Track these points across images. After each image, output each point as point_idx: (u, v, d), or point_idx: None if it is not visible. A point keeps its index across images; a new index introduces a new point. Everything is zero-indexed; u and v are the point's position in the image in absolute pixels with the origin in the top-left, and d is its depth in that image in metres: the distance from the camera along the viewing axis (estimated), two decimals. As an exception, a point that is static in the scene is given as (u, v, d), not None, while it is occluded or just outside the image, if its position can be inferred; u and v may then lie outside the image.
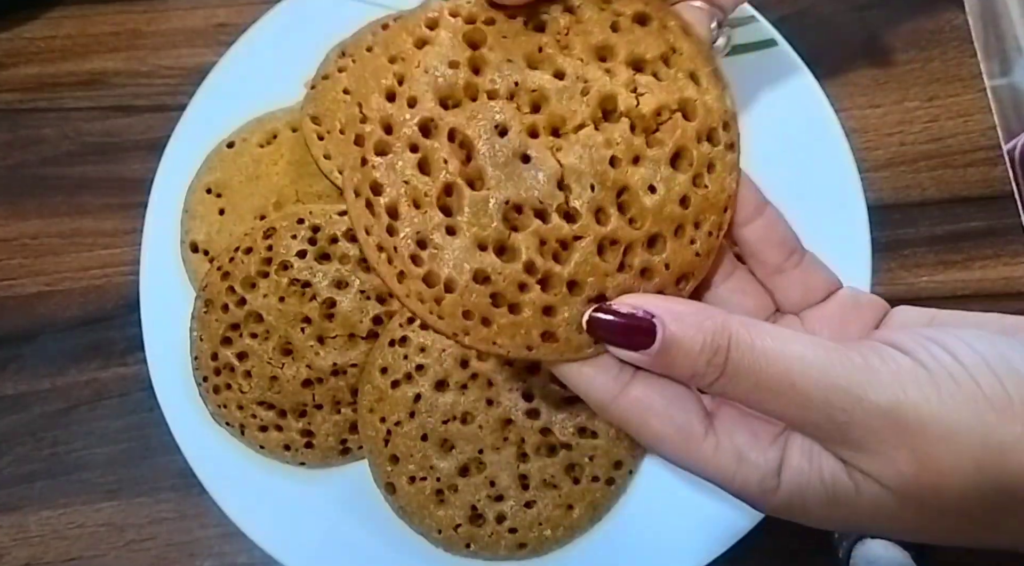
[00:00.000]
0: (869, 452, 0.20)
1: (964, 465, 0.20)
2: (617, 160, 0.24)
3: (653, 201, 0.24)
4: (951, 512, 0.20)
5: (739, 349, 0.21)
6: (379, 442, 0.37)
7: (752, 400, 0.21)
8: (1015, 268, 0.43)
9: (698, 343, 0.21)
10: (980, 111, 0.46)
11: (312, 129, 0.41)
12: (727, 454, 0.22)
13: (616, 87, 0.25)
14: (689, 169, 0.25)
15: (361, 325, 0.38)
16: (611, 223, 0.24)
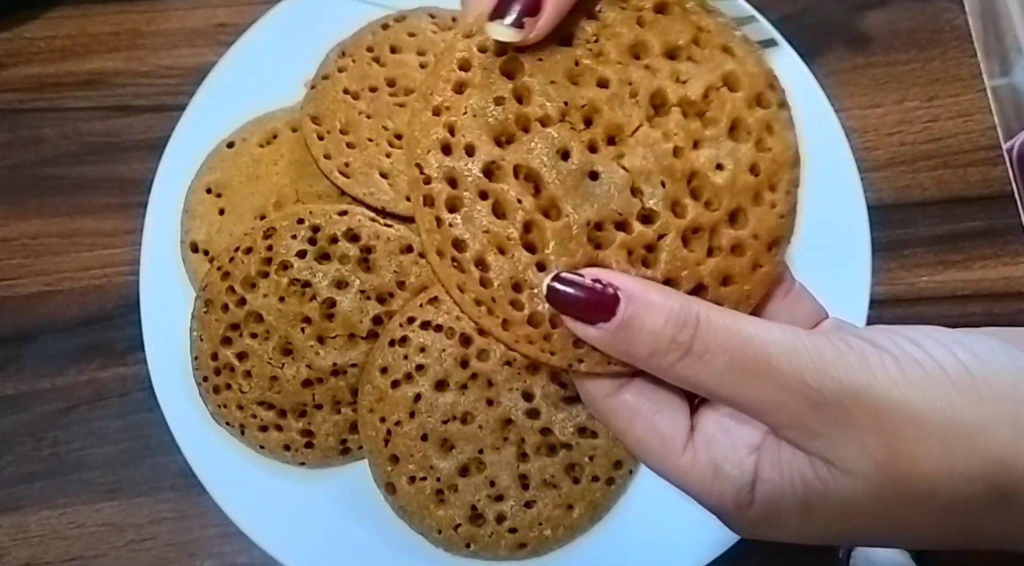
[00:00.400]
0: (841, 437, 0.20)
1: (933, 449, 0.20)
2: (679, 149, 0.24)
3: (724, 178, 0.24)
4: (923, 501, 0.20)
5: (711, 326, 0.21)
6: (379, 442, 0.37)
7: (722, 382, 0.21)
8: (1015, 268, 0.43)
9: (662, 317, 0.21)
10: (980, 111, 0.46)
11: (312, 129, 0.41)
12: (704, 467, 0.22)
13: (662, 81, 0.24)
14: (749, 137, 0.24)
15: (361, 325, 0.38)
16: (689, 213, 0.24)
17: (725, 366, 0.20)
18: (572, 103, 0.24)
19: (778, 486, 0.22)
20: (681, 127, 0.24)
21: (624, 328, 0.21)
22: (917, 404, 0.20)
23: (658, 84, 0.24)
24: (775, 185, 0.25)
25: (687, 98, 0.24)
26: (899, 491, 0.20)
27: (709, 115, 0.24)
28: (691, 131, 0.24)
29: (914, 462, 0.20)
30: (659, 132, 0.24)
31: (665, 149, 0.24)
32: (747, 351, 0.20)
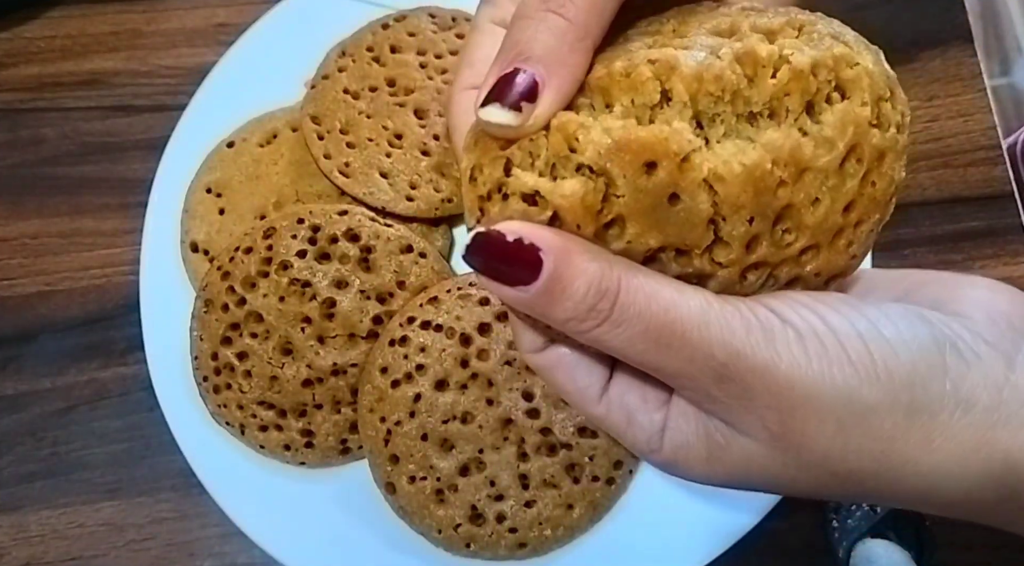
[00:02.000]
0: (740, 409, 0.21)
1: (827, 427, 0.20)
2: (784, 183, 0.20)
3: (816, 216, 0.21)
4: (816, 467, 0.21)
5: (630, 294, 0.20)
6: (379, 442, 0.37)
7: (634, 349, 0.21)
8: (1015, 268, 0.43)
9: (584, 285, 0.20)
10: (980, 111, 0.46)
11: (312, 129, 0.41)
12: (618, 415, 0.24)
13: (750, 42, 0.20)
14: (859, 169, 0.21)
15: (361, 325, 0.38)
16: (760, 250, 0.21)
17: (639, 335, 0.20)
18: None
19: (684, 435, 0.23)
20: (794, 158, 0.20)
21: (545, 292, 0.20)
22: (815, 384, 0.20)
23: (751, 45, 0.20)
24: (860, 222, 0.22)
25: (794, 69, 0.20)
26: (793, 457, 0.21)
27: (826, 133, 0.20)
28: (803, 161, 0.20)
29: (808, 437, 0.21)
30: (770, 160, 0.20)
31: (769, 185, 0.20)
32: (662, 322, 0.20)
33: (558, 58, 0.21)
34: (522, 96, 0.21)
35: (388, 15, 0.44)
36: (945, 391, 0.20)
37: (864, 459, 0.21)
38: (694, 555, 0.36)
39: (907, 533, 0.40)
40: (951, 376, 0.21)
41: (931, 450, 0.20)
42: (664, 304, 0.20)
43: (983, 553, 0.39)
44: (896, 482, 0.21)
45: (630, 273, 0.21)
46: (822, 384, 0.20)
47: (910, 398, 0.20)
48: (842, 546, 0.40)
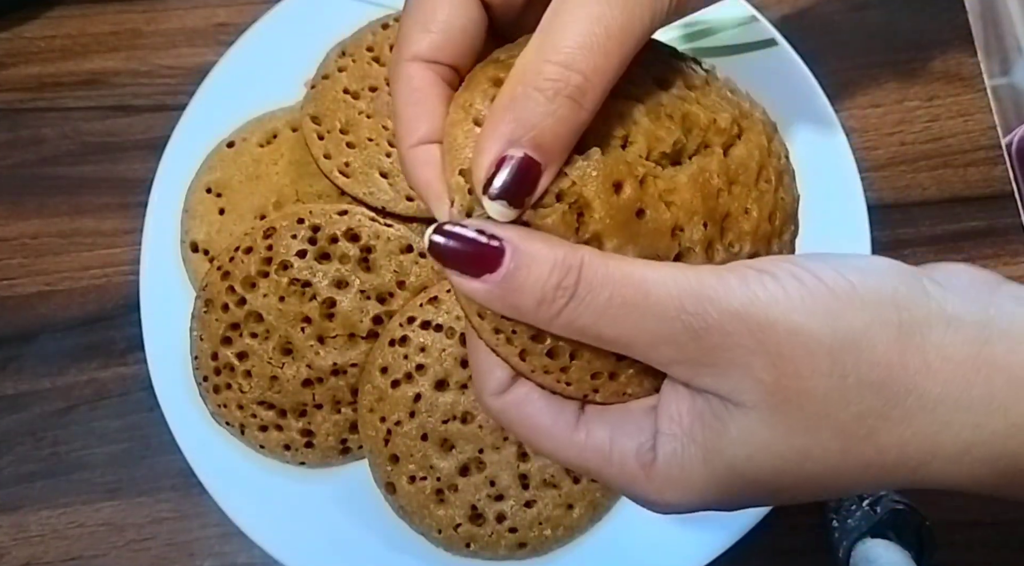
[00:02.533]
0: (726, 364, 0.20)
1: (820, 363, 0.19)
2: (721, 192, 0.24)
3: (751, 223, 0.24)
4: (821, 426, 0.20)
5: (593, 266, 0.20)
6: (379, 442, 0.37)
7: (605, 319, 0.20)
8: (1015, 268, 0.43)
9: (547, 266, 0.20)
10: (980, 111, 0.46)
11: (312, 129, 0.41)
12: (599, 435, 0.23)
13: (690, 107, 0.24)
14: (769, 185, 0.25)
15: (361, 325, 0.38)
16: (718, 257, 0.24)
17: (606, 303, 0.20)
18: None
19: (677, 437, 0.21)
20: (723, 168, 0.24)
21: (509, 279, 0.20)
22: (798, 317, 0.19)
23: (688, 108, 0.24)
24: (783, 233, 0.26)
25: (718, 127, 0.24)
26: (795, 415, 0.20)
27: (741, 156, 0.25)
28: (730, 173, 0.24)
29: (803, 380, 0.20)
30: (706, 170, 0.24)
31: (712, 190, 0.23)
32: (627, 284, 0.20)
33: (562, 147, 0.21)
34: (525, 191, 0.21)
35: (388, 15, 0.44)
36: (931, 309, 0.20)
37: (867, 395, 0.20)
38: (694, 555, 0.36)
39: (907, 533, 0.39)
40: (933, 297, 0.20)
41: (931, 374, 0.20)
42: (627, 269, 0.20)
43: (983, 553, 0.39)
44: (904, 420, 0.20)
45: (592, 252, 0.21)
46: (805, 317, 0.20)
47: (898, 319, 0.20)
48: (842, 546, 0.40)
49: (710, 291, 0.20)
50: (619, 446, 0.22)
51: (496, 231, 0.20)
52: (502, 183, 0.20)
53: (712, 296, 0.20)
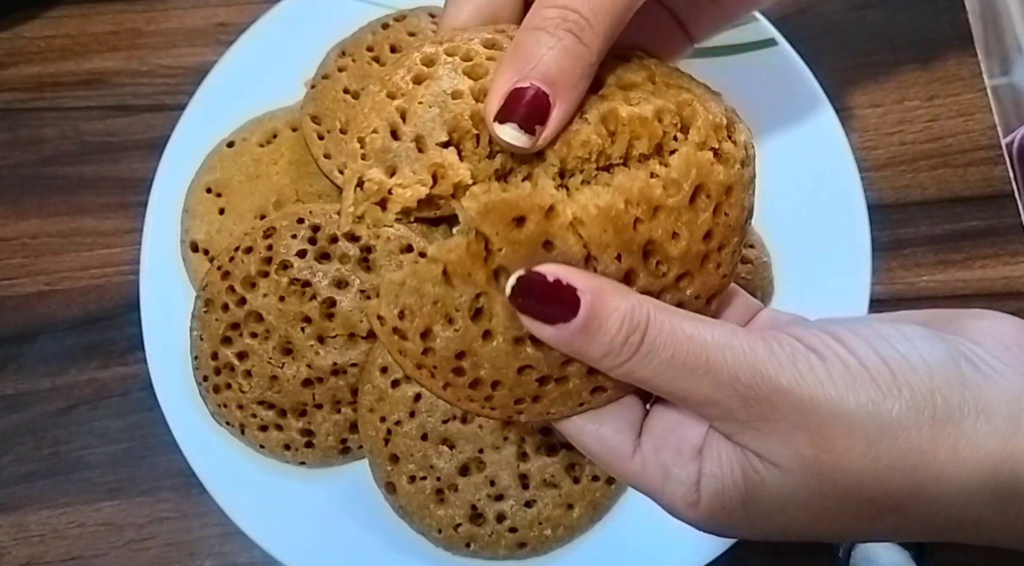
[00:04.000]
0: (768, 432, 0.21)
1: (857, 444, 0.21)
2: (639, 221, 0.23)
3: (679, 248, 0.23)
4: (853, 495, 0.21)
5: (656, 325, 0.22)
6: (379, 441, 0.37)
7: (663, 378, 0.22)
8: (1015, 267, 0.43)
9: (619, 318, 0.22)
10: (980, 110, 0.46)
11: (312, 128, 0.41)
12: (653, 471, 0.24)
13: (613, 103, 0.24)
14: (709, 202, 0.24)
15: (361, 325, 0.38)
16: (639, 281, 0.23)
17: (667, 363, 0.22)
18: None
19: (719, 480, 0.23)
20: (645, 195, 0.23)
21: (583, 329, 0.22)
22: (840, 401, 0.21)
23: (610, 104, 0.23)
24: (723, 246, 0.25)
25: (639, 115, 0.23)
26: (829, 485, 0.21)
27: (673, 176, 0.23)
28: (653, 199, 0.23)
29: (839, 456, 0.21)
30: (622, 201, 0.23)
31: (626, 222, 0.23)
32: (688, 349, 0.21)
33: (570, 81, 0.22)
34: (537, 119, 0.22)
35: (388, 15, 0.44)
36: (964, 400, 0.21)
37: (897, 477, 0.21)
38: (694, 555, 0.36)
39: (907, 533, 0.39)
40: (969, 386, 0.21)
41: (959, 461, 0.21)
42: (689, 333, 0.22)
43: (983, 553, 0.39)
44: (931, 500, 0.21)
45: (657, 308, 0.22)
46: (846, 401, 0.21)
47: (932, 409, 0.21)
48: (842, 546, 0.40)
49: (762, 366, 0.21)
50: (670, 487, 0.24)
51: (572, 280, 0.22)
52: (507, 100, 0.22)
53: (763, 372, 0.21)
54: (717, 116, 0.24)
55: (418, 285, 0.23)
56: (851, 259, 0.40)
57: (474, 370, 0.24)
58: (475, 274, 0.22)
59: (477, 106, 0.23)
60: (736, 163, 0.24)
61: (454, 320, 0.23)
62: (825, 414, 0.21)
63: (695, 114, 0.24)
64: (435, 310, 0.23)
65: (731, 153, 0.24)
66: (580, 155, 0.23)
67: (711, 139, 0.24)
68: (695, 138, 0.23)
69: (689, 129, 0.24)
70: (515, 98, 0.22)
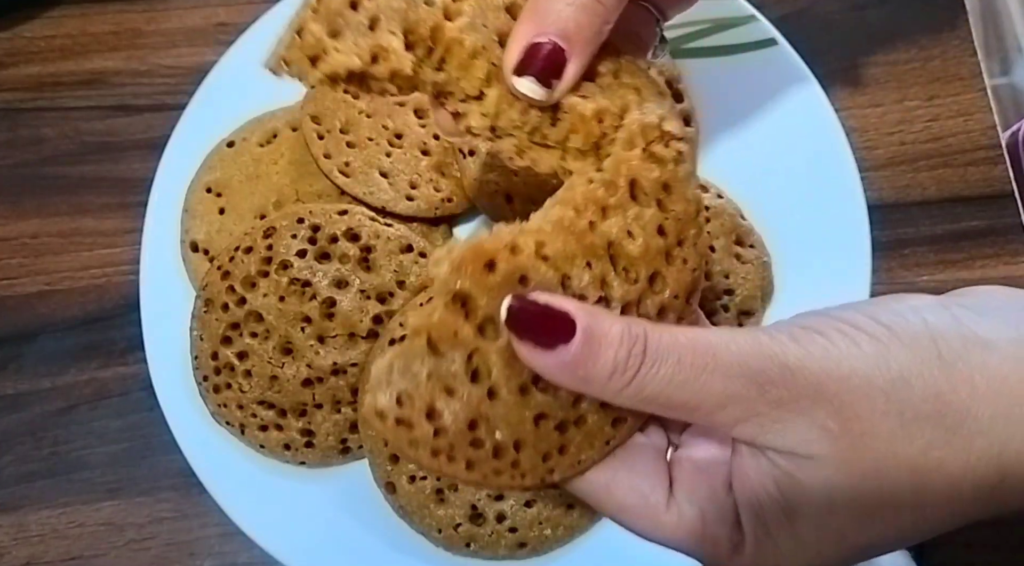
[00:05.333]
0: (792, 418, 0.21)
1: (877, 402, 0.20)
2: (593, 224, 0.24)
3: (638, 246, 0.24)
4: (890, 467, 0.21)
5: (655, 334, 0.21)
6: (379, 441, 0.37)
7: (675, 385, 0.21)
8: (1015, 267, 0.43)
9: (617, 332, 0.21)
10: (980, 110, 0.46)
11: (312, 128, 0.41)
12: (691, 519, 0.23)
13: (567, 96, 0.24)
14: (648, 197, 0.24)
15: (361, 324, 0.38)
16: (615, 290, 0.24)
17: (675, 367, 0.21)
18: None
19: (756, 499, 0.22)
20: (589, 199, 0.24)
21: (585, 346, 0.21)
22: (848, 364, 0.21)
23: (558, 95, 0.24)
24: (683, 241, 0.25)
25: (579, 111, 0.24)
26: (867, 462, 0.21)
27: (607, 177, 0.24)
28: (598, 200, 0.24)
29: (865, 421, 0.20)
30: (570, 209, 0.23)
31: (582, 228, 0.23)
32: (693, 350, 0.21)
33: (586, 38, 0.23)
34: (552, 73, 0.23)
35: None
36: (964, 335, 0.21)
37: (926, 429, 0.20)
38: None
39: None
40: (964, 323, 0.21)
41: (980, 397, 0.20)
42: (689, 336, 0.21)
43: (983, 553, 0.39)
44: (968, 449, 0.20)
45: (647, 323, 0.22)
46: (853, 362, 0.21)
47: (936, 349, 0.21)
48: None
49: (767, 349, 0.21)
50: (711, 532, 0.23)
51: (561, 305, 0.22)
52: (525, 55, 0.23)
53: (770, 353, 0.21)
54: (648, 116, 0.24)
55: (407, 364, 0.22)
56: (851, 259, 0.40)
57: (491, 436, 0.23)
58: (461, 333, 0.22)
59: (443, 22, 0.24)
60: (669, 162, 0.25)
61: (454, 390, 0.22)
62: (838, 380, 0.21)
63: (630, 121, 0.24)
64: (432, 385, 0.22)
65: (661, 154, 0.24)
66: (515, 120, 0.24)
67: (638, 139, 0.24)
68: (622, 137, 0.24)
69: (624, 123, 0.25)
70: (533, 53, 0.23)
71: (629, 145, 0.24)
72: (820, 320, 0.22)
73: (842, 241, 0.40)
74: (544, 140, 0.24)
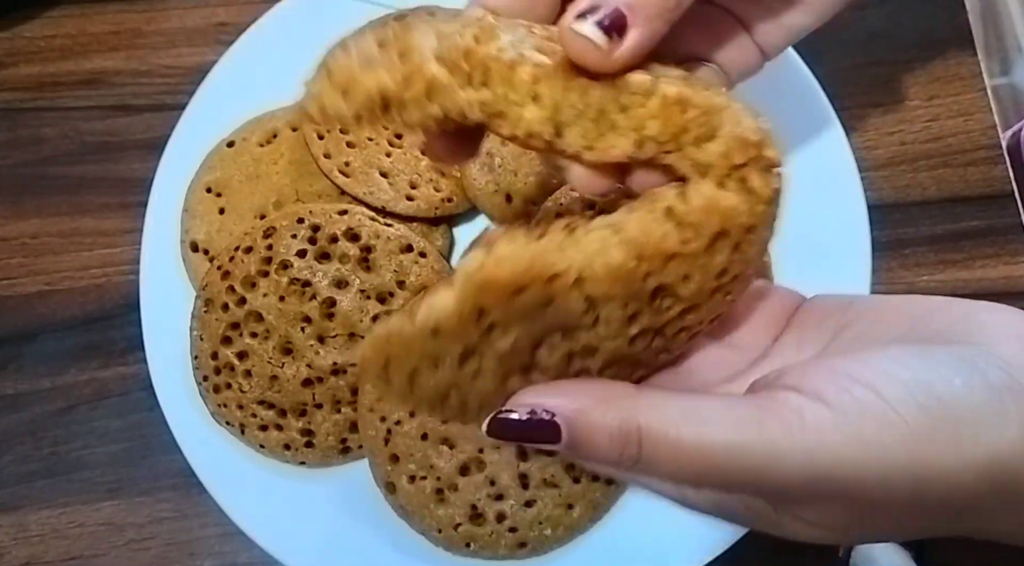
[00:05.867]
0: (801, 508, 0.21)
1: (899, 503, 0.20)
2: (651, 274, 0.21)
3: (689, 289, 0.22)
4: (892, 530, 0.22)
5: (650, 439, 0.20)
6: (379, 441, 0.37)
7: (675, 480, 0.21)
8: (1015, 267, 0.43)
9: (605, 437, 0.21)
10: (980, 110, 0.46)
11: (312, 128, 0.41)
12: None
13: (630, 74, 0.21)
14: (726, 243, 0.22)
15: (361, 324, 0.38)
16: (643, 320, 0.22)
17: (676, 473, 0.20)
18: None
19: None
20: (659, 251, 0.21)
21: (574, 449, 0.21)
22: (879, 467, 0.19)
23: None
24: (737, 278, 0.23)
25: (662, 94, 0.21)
26: (868, 527, 0.21)
27: (691, 220, 0.21)
28: (668, 250, 0.21)
29: (878, 514, 0.20)
30: (632, 258, 0.21)
31: (636, 277, 0.21)
32: (692, 459, 0.20)
33: (650, 13, 0.21)
34: (615, 28, 0.20)
35: (388, 15, 0.44)
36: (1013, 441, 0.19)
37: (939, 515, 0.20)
38: (694, 555, 0.36)
39: (907, 533, 0.39)
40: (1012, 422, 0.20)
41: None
42: (690, 442, 0.20)
43: (983, 553, 0.39)
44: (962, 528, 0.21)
45: (644, 413, 0.20)
46: (886, 464, 0.19)
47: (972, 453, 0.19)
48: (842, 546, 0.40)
49: (784, 462, 0.19)
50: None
51: (545, 405, 0.21)
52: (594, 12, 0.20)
53: (787, 468, 0.19)
54: (747, 130, 0.21)
55: (406, 339, 0.22)
56: (851, 259, 0.40)
57: (461, 401, 0.23)
58: (466, 334, 0.21)
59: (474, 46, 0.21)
60: (761, 202, 0.21)
61: (441, 365, 0.22)
62: (863, 482, 0.19)
63: (722, 123, 0.21)
64: (422, 359, 0.22)
65: (758, 188, 0.21)
66: (577, 104, 0.21)
67: (735, 153, 0.21)
68: (716, 150, 0.21)
69: (713, 138, 0.21)
70: (593, 7, 0.21)
71: (725, 158, 0.21)
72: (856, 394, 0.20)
73: (842, 241, 0.40)
74: (612, 126, 0.21)
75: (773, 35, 0.30)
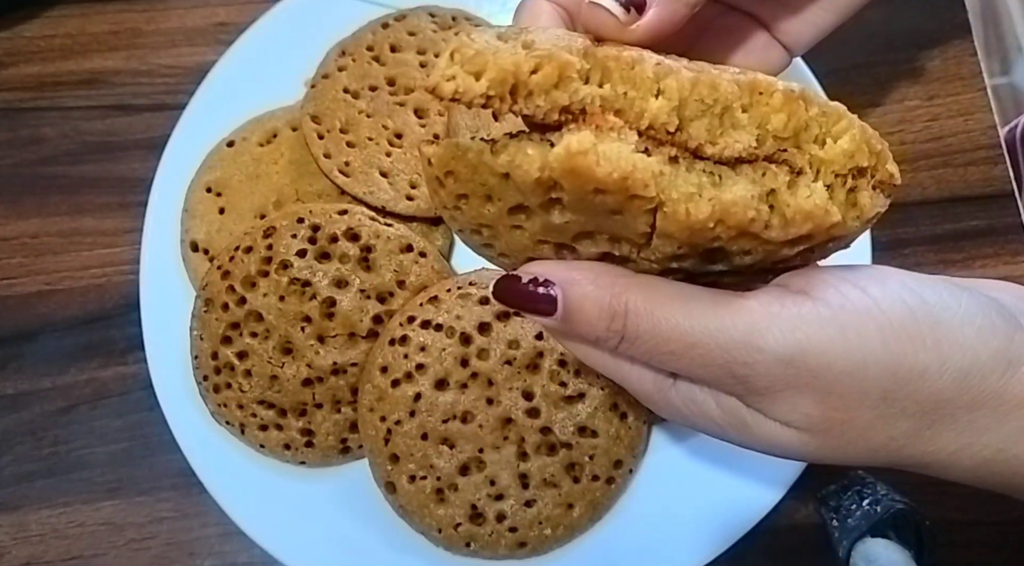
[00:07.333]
0: (773, 399, 0.21)
1: (871, 398, 0.20)
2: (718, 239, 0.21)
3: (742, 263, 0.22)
4: (856, 444, 0.21)
5: (636, 315, 0.22)
6: (379, 441, 0.37)
7: (655, 361, 0.23)
8: (1015, 267, 0.43)
9: (595, 310, 0.22)
10: (980, 110, 0.46)
11: (312, 128, 0.41)
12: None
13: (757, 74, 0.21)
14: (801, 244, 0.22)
15: (361, 324, 0.38)
16: (686, 264, 0.23)
17: (655, 349, 0.22)
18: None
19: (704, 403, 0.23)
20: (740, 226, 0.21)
21: (567, 319, 0.23)
22: (855, 356, 0.20)
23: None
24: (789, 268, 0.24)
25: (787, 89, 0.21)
26: (835, 438, 0.21)
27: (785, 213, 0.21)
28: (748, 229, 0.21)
29: (850, 411, 0.21)
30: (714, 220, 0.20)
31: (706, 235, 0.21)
32: (670, 338, 0.22)
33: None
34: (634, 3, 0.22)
35: (388, 14, 0.44)
36: (996, 352, 0.20)
37: (902, 423, 0.21)
38: (694, 555, 0.36)
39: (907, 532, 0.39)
40: (998, 336, 0.21)
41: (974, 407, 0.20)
42: (672, 322, 0.22)
43: (983, 553, 0.39)
44: (931, 442, 0.21)
45: (635, 291, 0.22)
46: (863, 356, 0.20)
47: (960, 362, 0.20)
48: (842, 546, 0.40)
49: (756, 338, 0.21)
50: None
51: (548, 274, 0.23)
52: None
53: (759, 344, 0.21)
54: (874, 138, 0.21)
55: (476, 164, 0.22)
56: (851, 259, 0.40)
57: (491, 238, 0.24)
58: (531, 196, 0.21)
59: (594, 46, 0.21)
60: (860, 220, 0.22)
61: (493, 202, 0.23)
62: (838, 373, 0.20)
63: (851, 125, 0.21)
64: (480, 187, 0.22)
65: (864, 207, 0.22)
66: (705, 97, 0.21)
67: (859, 156, 0.21)
68: (843, 147, 0.21)
69: (839, 138, 0.21)
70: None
71: (849, 157, 0.21)
72: (844, 291, 0.21)
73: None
74: (735, 123, 0.21)
75: (798, 32, 0.31)
